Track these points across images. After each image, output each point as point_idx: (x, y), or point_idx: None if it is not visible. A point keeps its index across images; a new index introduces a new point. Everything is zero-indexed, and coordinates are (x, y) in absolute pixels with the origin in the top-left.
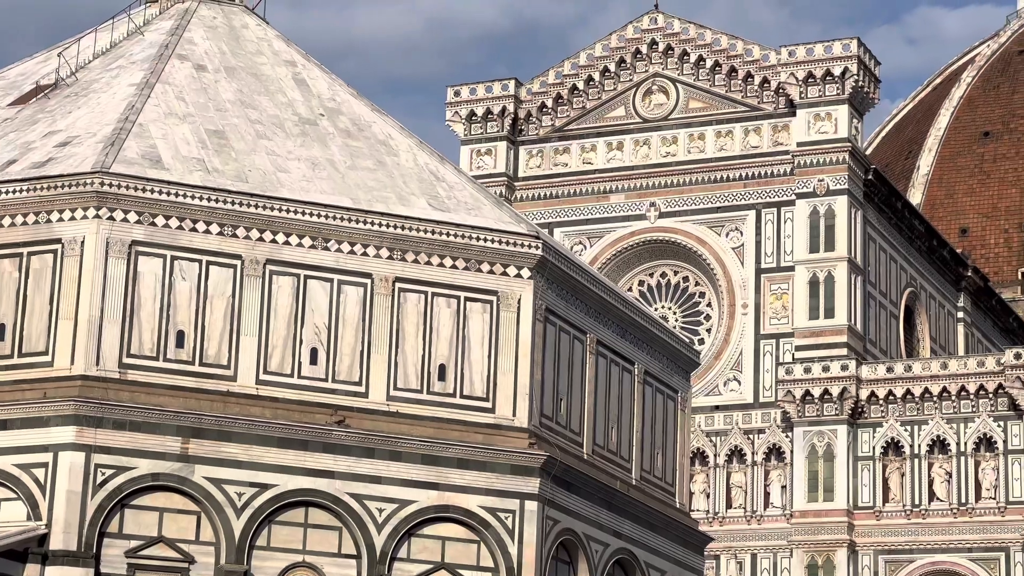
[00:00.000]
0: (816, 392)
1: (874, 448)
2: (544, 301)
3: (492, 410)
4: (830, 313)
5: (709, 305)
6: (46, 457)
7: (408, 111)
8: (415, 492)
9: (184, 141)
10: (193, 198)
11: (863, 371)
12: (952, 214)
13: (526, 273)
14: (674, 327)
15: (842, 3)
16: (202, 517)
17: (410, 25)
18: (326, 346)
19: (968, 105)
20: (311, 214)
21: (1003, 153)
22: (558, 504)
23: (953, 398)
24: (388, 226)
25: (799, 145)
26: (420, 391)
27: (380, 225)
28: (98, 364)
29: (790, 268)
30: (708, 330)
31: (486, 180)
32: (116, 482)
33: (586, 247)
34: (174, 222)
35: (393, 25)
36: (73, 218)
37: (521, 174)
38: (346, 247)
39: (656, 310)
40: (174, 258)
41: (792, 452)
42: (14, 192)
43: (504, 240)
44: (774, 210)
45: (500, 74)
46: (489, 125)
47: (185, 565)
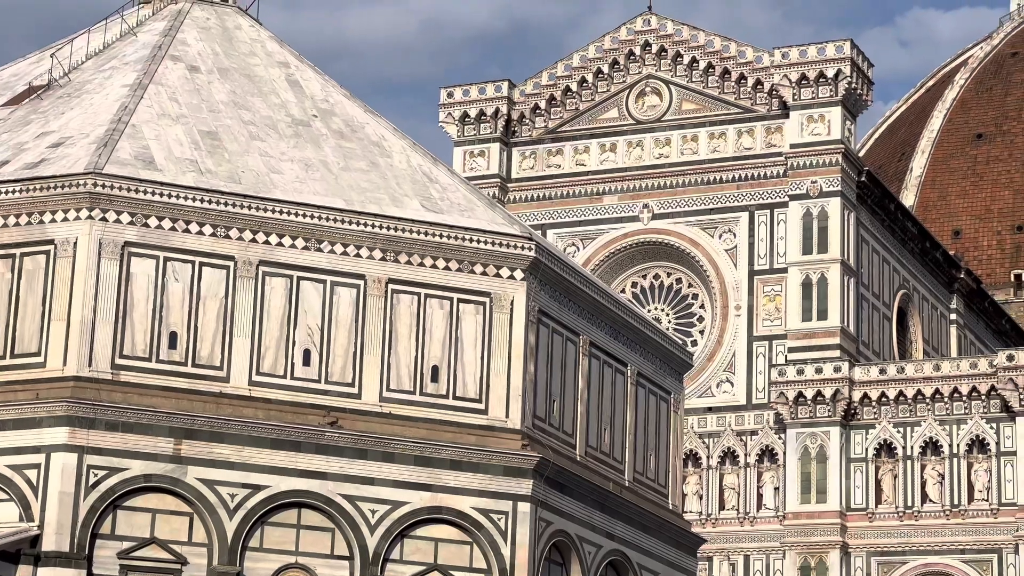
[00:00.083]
0: (809, 394)
1: (867, 450)
2: (537, 303)
3: (485, 411)
4: (823, 315)
5: (702, 307)
6: (38, 458)
7: (401, 112)
8: (408, 493)
9: (177, 142)
10: (186, 199)
11: (856, 373)
12: (945, 216)
13: (519, 275)
14: (667, 329)
15: (835, 5)
16: (195, 518)
17: (403, 26)
18: (319, 347)
19: (961, 107)
20: (304, 215)
21: (996, 155)
22: (551, 505)
23: (946, 400)
24: (381, 227)
25: (792, 147)
26: (413, 392)
27: (373, 226)
28: (91, 365)
29: (783, 270)
30: (701, 332)
31: (479, 181)
32: (109, 483)
33: (579, 249)
34: (167, 223)
35: (386, 26)
36: (66, 219)
37: (514, 175)
38: (339, 248)
39: (649, 312)
40: (167, 259)
41: (785, 454)
42: (7, 193)
43: (497, 242)
44: (767, 212)
45: (493, 75)
46: (482, 126)
47: (178, 566)
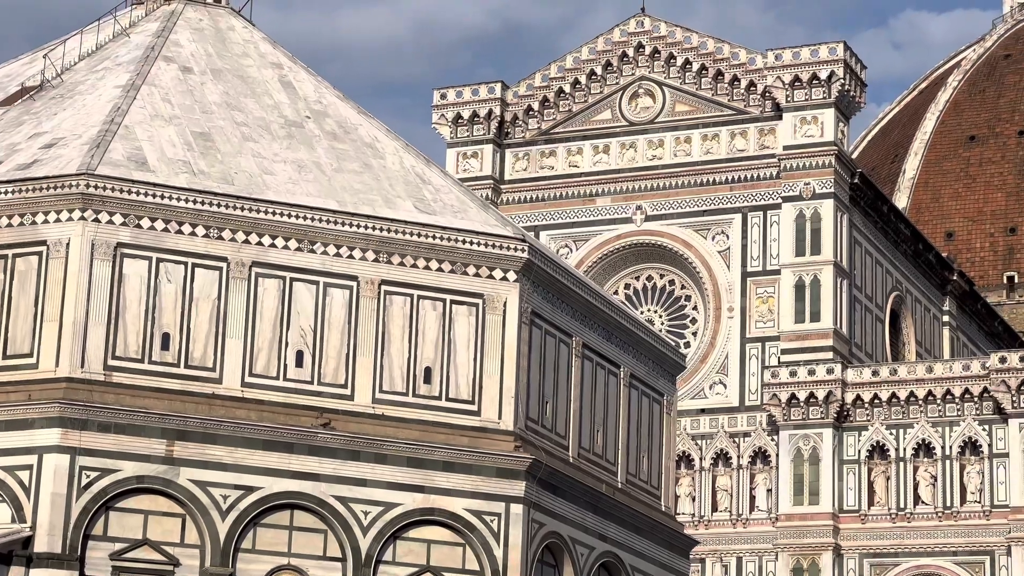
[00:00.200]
0: (802, 395)
1: (859, 451)
2: (530, 304)
3: (478, 413)
4: (816, 317)
5: (695, 308)
6: (31, 459)
7: (394, 114)
8: (400, 495)
9: (170, 143)
10: (179, 200)
11: (848, 374)
12: (938, 218)
13: (512, 276)
14: (660, 330)
15: (828, 7)
16: (187, 520)
17: (396, 28)
18: (312, 349)
19: (954, 109)
20: (297, 216)
21: (989, 157)
22: (543, 507)
23: (938, 402)
24: (374, 229)
25: (785, 149)
26: (406, 394)
27: (366, 228)
28: (83, 366)
29: (776, 271)
30: (694, 333)
31: (472, 183)
32: (101, 484)
33: (572, 250)
34: (159, 224)
35: (379, 28)
36: (58, 220)
37: (507, 177)
38: (332, 250)
39: (642, 313)
40: (159, 260)
41: (778, 455)
42: None
43: (490, 243)
44: (760, 213)
45: (486, 77)
46: (475, 128)
47: (170, 568)
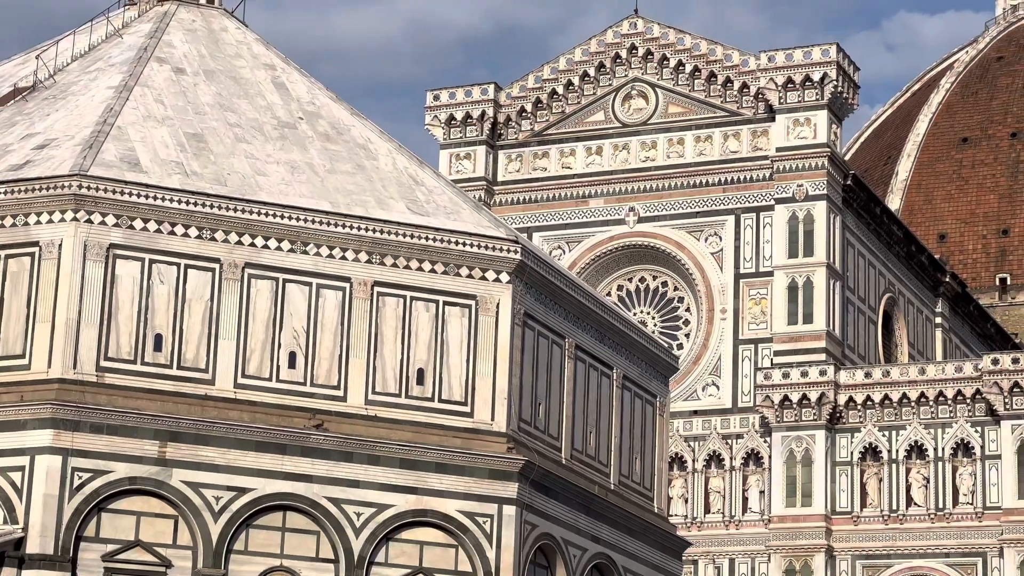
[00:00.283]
0: (794, 397)
1: (852, 453)
2: (523, 305)
3: (470, 414)
4: (809, 318)
5: (688, 310)
6: (23, 460)
7: (387, 115)
8: (393, 496)
9: (163, 144)
10: (171, 201)
11: (841, 376)
12: (930, 220)
13: (505, 277)
14: (653, 332)
15: (821, 9)
16: (179, 521)
17: (389, 29)
18: (304, 350)
19: (947, 111)
20: (290, 218)
21: (981, 159)
22: (536, 509)
23: (931, 403)
24: (367, 230)
25: (778, 150)
26: (398, 395)
27: (359, 229)
28: (75, 367)
29: (769, 273)
30: (687, 335)
31: (465, 184)
32: (93, 486)
33: (565, 252)
34: (152, 225)
35: (372, 29)
36: (51, 221)
37: (500, 178)
38: (325, 251)
39: (635, 315)
40: (152, 261)
41: (770, 457)
42: None
43: (483, 244)
44: (753, 215)
45: (479, 78)
46: (468, 129)
47: (162, 569)
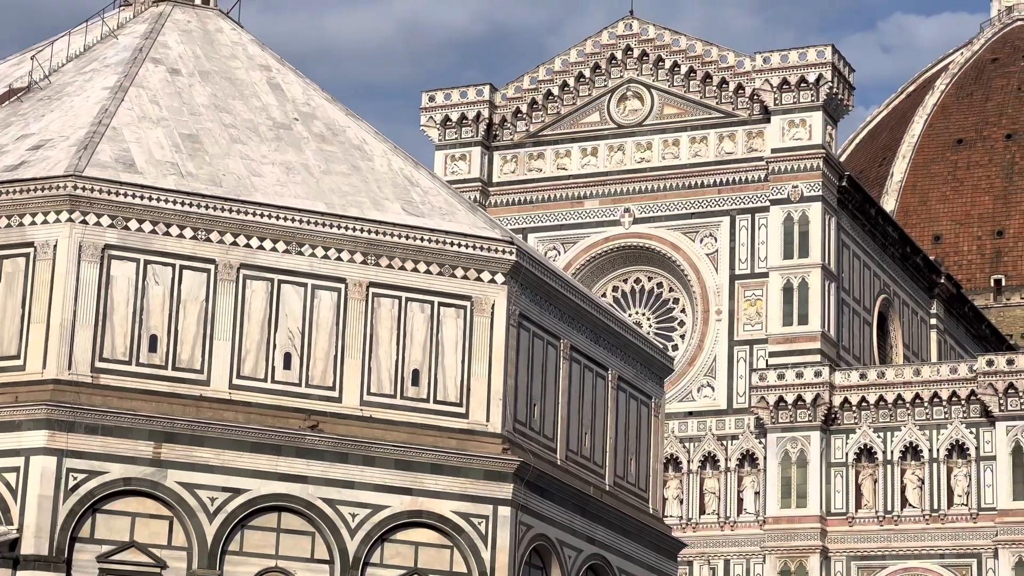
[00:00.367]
0: (789, 398)
1: (847, 454)
2: (518, 306)
3: (465, 415)
4: (804, 319)
5: (683, 311)
6: (17, 461)
7: (382, 116)
8: (388, 497)
9: (158, 145)
10: (166, 202)
11: (836, 377)
12: (925, 221)
13: (500, 278)
14: (648, 333)
15: (817, 10)
16: (174, 522)
17: (384, 30)
18: (300, 351)
19: (942, 112)
20: (285, 218)
21: (976, 160)
22: (531, 510)
23: (926, 405)
24: (362, 231)
25: (773, 151)
26: (394, 396)
27: (354, 230)
28: (70, 368)
29: (764, 274)
30: (682, 336)
31: (460, 185)
32: (88, 487)
33: (560, 253)
34: (147, 226)
35: (367, 30)
36: (46, 221)
37: (495, 179)
38: (320, 252)
39: (630, 316)
40: (147, 262)
41: (765, 458)
42: None
43: (478, 245)
44: (748, 216)
45: (474, 79)
46: (463, 130)
47: (157, 570)
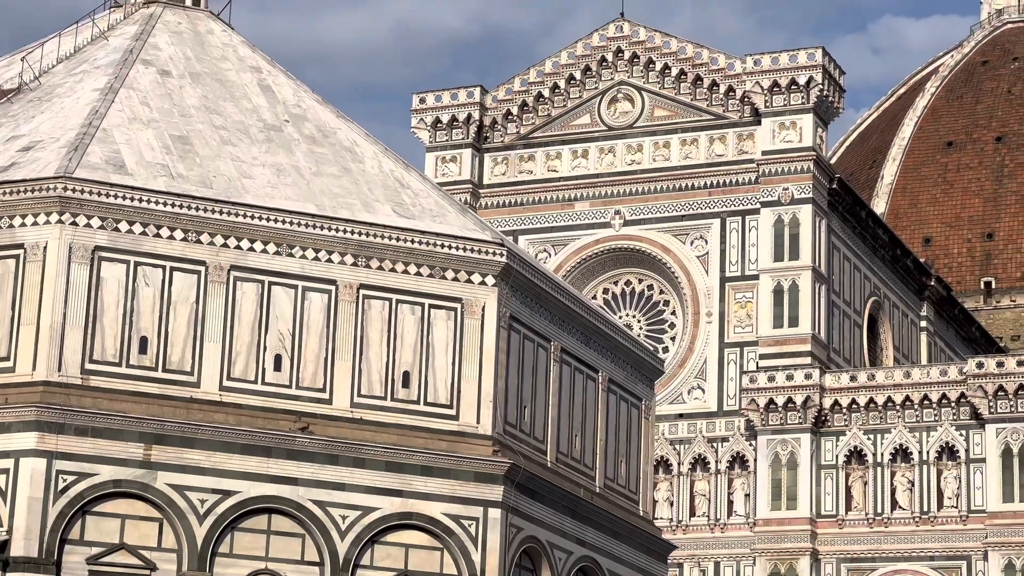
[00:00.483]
0: (780, 400)
1: (837, 456)
2: (508, 308)
3: (456, 417)
4: (794, 322)
5: (673, 313)
6: (7, 463)
7: (373, 118)
8: (379, 499)
9: (148, 146)
10: (157, 204)
11: (827, 380)
12: (916, 223)
13: (490, 280)
14: (638, 335)
15: (807, 12)
16: (164, 524)
17: (376, 32)
18: (290, 353)
19: (932, 115)
20: (276, 220)
21: (966, 163)
22: (522, 512)
23: (916, 407)
24: (353, 233)
25: (764, 154)
26: (384, 398)
27: (345, 232)
28: (60, 370)
29: (754, 277)
30: (672, 338)
31: (451, 187)
32: (78, 488)
33: (551, 255)
34: (138, 228)
35: (359, 32)
36: (36, 223)
37: (486, 181)
38: (310, 253)
39: (620, 318)
40: (137, 264)
41: (756, 460)
42: None
43: (468, 247)
44: (739, 218)
45: (466, 81)
46: (454, 132)
47: (147, 572)
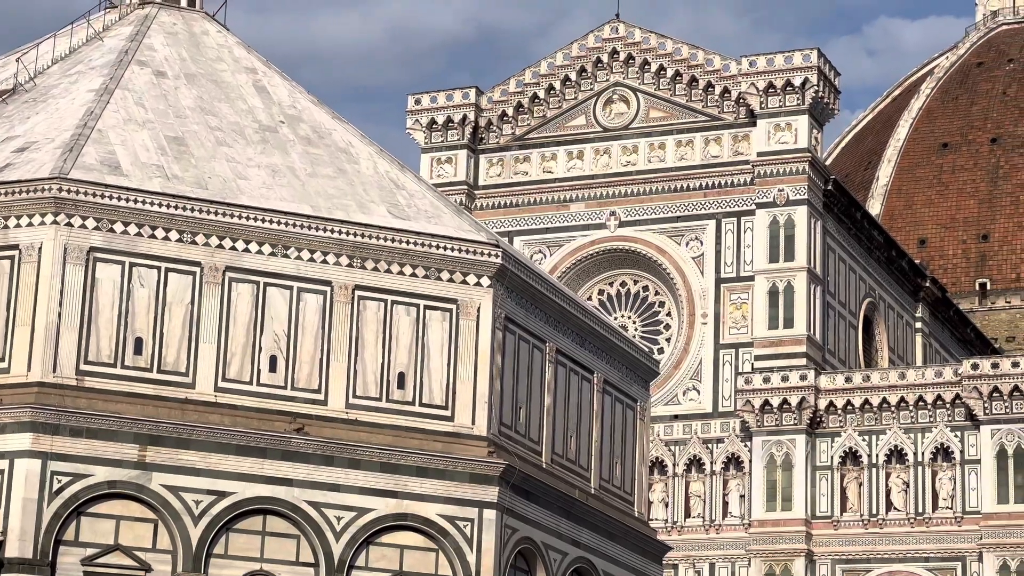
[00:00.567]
0: (775, 402)
1: (832, 458)
2: (503, 310)
3: (451, 418)
4: (789, 323)
5: (669, 314)
6: (2, 464)
7: (368, 119)
8: (374, 500)
9: (143, 147)
10: (152, 204)
11: (822, 381)
12: (911, 225)
13: (486, 281)
14: (633, 336)
15: (803, 14)
16: (159, 525)
17: (371, 33)
18: (285, 354)
19: (927, 116)
20: (271, 221)
21: (961, 164)
22: (517, 513)
23: (911, 408)
24: (348, 234)
25: (759, 155)
26: (379, 399)
27: (340, 233)
28: (55, 371)
29: (750, 278)
30: (667, 339)
31: (446, 188)
32: (72, 489)
33: (546, 256)
34: (133, 228)
35: (354, 33)
36: (31, 224)
37: (481, 182)
38: (306, 254)
39: (616, 319)
40: (133, 265)
41: (751, 461)
42: None
43: (464, 248)
44: (734, 220)
45: (461, 82)
46: (450, 133)
47: (142, 573)
